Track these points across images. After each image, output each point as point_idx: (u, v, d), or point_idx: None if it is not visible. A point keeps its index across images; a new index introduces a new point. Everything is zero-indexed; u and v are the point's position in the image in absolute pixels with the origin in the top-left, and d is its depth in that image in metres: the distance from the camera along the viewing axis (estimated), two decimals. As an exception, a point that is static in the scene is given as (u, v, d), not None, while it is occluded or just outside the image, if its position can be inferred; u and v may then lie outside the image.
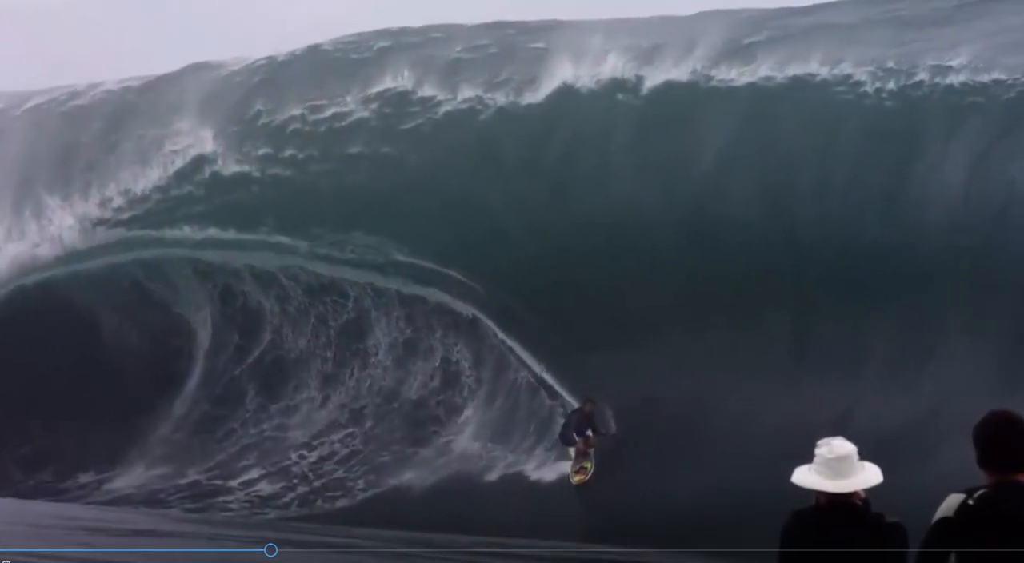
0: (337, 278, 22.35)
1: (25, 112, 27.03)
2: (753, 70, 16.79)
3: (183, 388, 25.01)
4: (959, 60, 15.40)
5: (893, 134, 15.84)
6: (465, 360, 21.43)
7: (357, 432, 22.42)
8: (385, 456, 21.24)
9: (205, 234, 22.77)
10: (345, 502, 19.72)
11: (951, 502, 4.49)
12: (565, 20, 19.92)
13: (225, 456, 23.06)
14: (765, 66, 16.71)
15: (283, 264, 22.75)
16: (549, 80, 19.37)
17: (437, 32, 21.08)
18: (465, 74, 20.31)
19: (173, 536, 15.06)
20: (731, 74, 17.05)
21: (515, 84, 19.57)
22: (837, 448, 4.75)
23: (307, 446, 22.62)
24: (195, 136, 23.05)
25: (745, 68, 16.79)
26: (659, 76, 18.18)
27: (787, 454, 14.68)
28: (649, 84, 18.21)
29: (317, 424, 23.02)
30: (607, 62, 18.60)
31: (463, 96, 20.18)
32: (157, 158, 23.36)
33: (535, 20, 20.42)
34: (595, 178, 18.46)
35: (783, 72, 16.63)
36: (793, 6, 19.25)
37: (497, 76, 19.92)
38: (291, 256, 22.35)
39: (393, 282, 21.63)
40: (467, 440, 20.45)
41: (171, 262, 23.81)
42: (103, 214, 23.81)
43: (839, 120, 16.44)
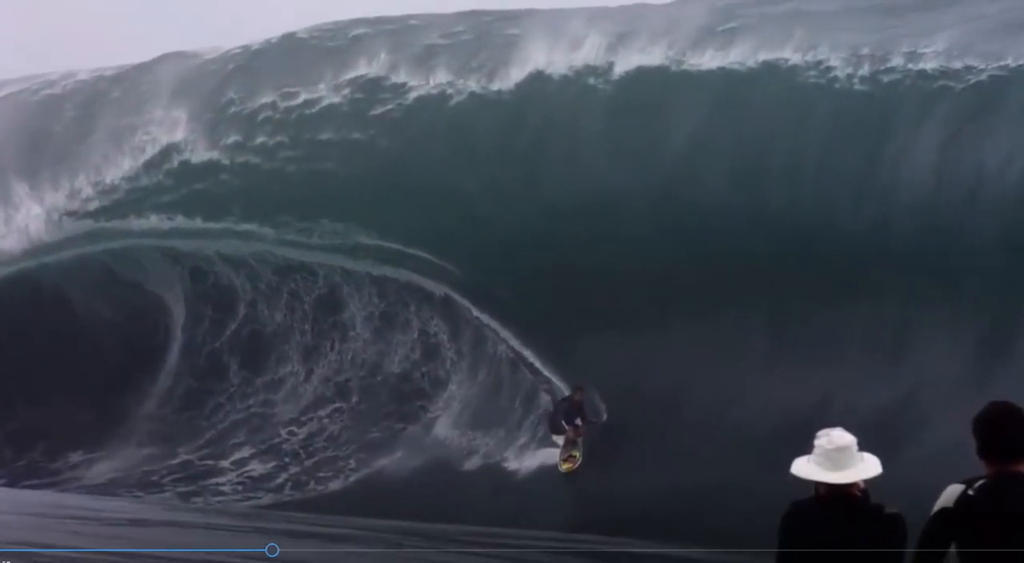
0: (307, 262, 22.28)
1: (-3, 101, 26.80)
2: (724, 56, 16.75)
3: (164, 363, 24.91)
4: (934, 47, 15.33)
5: (865, 119, 15.76)
6: (443, 333, 21.40)
7: (344, 407, 22.52)
8: (375, 432, 21.42)
9: (173, 224, 22.53)
10: (338, 484, 19.83)
11: (951, 493, 4.47)
12: (543, 8, 19.69)
13: (215, 433, 23.11)
14: (737, 52, 16.65)
15: (252, 250, 22.61)
16: (522, 66, 19.11)
17: (414, 20, 20.77)
18: (438, 60, 19.94)
19: (172, 526, 15.15)
20: (703, 60, 17.00)
21: (488, 70, 19.29)
22: (836, 439, 4.71)
23: (296, 422, 22.73)
24: (167, 125, 22.61)
25: (718, 54, 16.75)
26: (632, 62, 17.97)
27: (768, 439, 15.19)
28: (622, 70, 17.99)
29: (304, 399, 23.08)
30: (581, 48, 18.35)
31: (435, 82, 19.89)
32: (128, 148, 22.92)
33: (513, 8, 20.17)
34: (568, 163, 18.28)
35: (756, 58, 16.60)
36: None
37: (470, 62, 19.59)
38: (259, 242, 22.18)
39: (363, 265, 21.54)
40: (455, 416, 20.66)
41: (140, 249, 23.70)
42: (71, 205, 23.51)
43: (811, 105, 16.32)
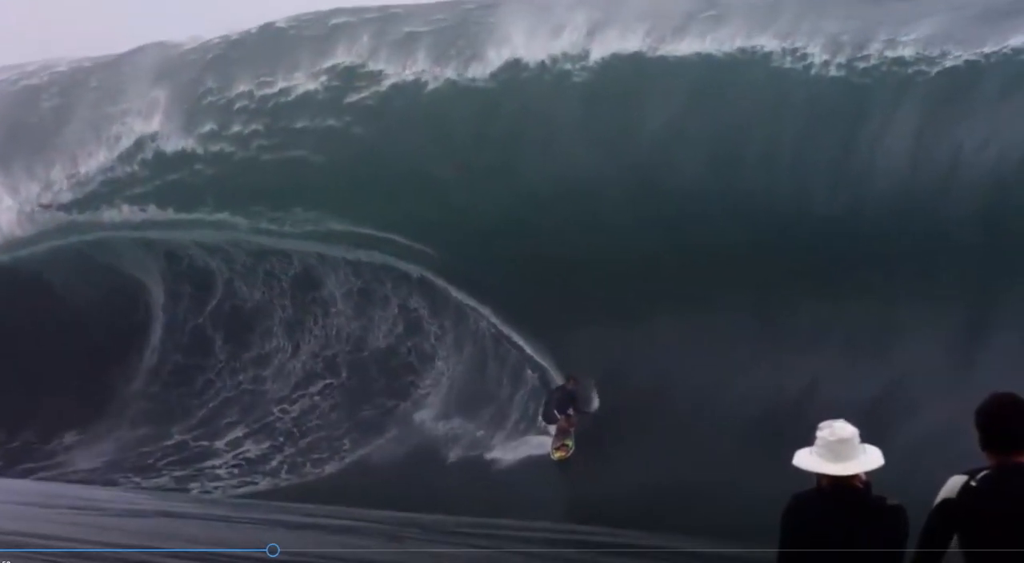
0: (281, 247, 22.20)
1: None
2: (702, 42, 16.69)
3: (148, 340, 24.79)
4: (915, 34, 15.21)
5: (845, 106, 15.60)
6: (423, 308, 21.34)
7: (335, 383, 22.62)
8: (367, 410, 21.56)
9: (146, 215, 22.34)
10: (334, 467, 19.82)
11: (953, 484, 4.43)
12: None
13: (207, 411, 23.14)
14: (716, 39, 16.61)
15: (226, 238, 22.52)
16: (500, 53, 18.80)
17: (396, 9, 20.38)
18: (416, 48, 19.60)
19: (169, 517, 15.07)
20: (682, 46, 16.95)
21: (465, 57, 19.00)
22: (839, 430, 4.66)
23: (288, 400, 22.83)
24: (143, 116, 22.28)
25: (696, 40, 16.70)
26: (610, 48, 17.73)
27: (751, 429, 15.45)
28: (599, 56, 17.77)
29: (293, 375, 23.10)
30: (559, 35, 18.09)
31: (412, 69, 19.60)
32: (103, 139, 22.65)
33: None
34: (545, 151, 18.10)
35: (733, 44, 16.56)
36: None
37: (448, 49, 19.26)
38: (232, 231, 22.05)
39: (336, 250, 21.53)
40: (445, 393, 20.84)
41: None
42: (44, 197, 23.29)
43: (789, 92, 16.18)
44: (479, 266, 19.27)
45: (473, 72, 18.86)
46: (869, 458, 4.66)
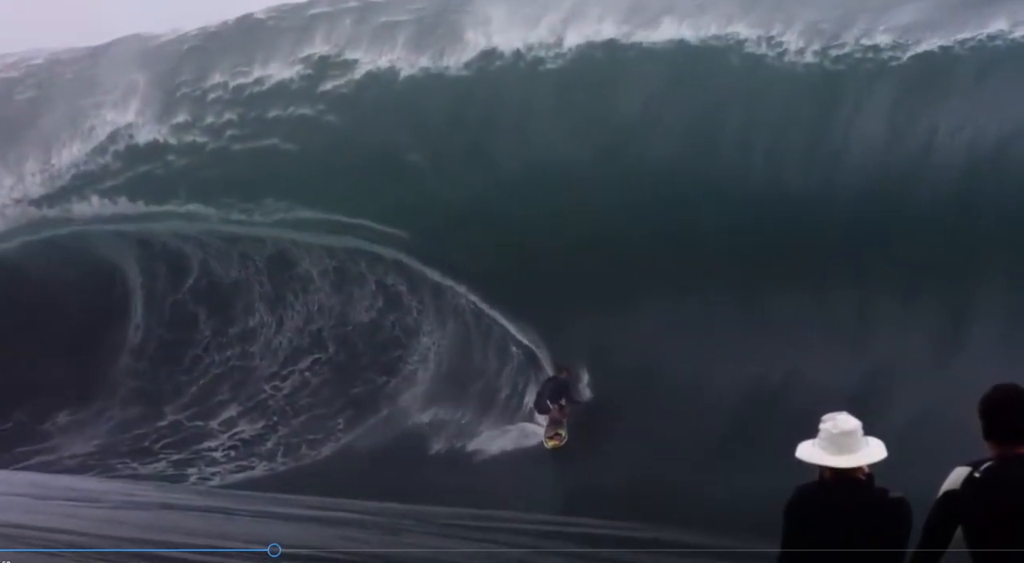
0: (253, 235, 22.20)
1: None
2: (678, 29, 16.65)
3: (130, 317, 24.66)
4: (891, 22, 15.16)
5: (818, 92, 15.69)
6: (401, 285, 21.37)
7: (323, 358, 22.77)
8: (358, 386, 21.78)
9: (116, 208, 22.23)
10: (330, 448, 20.01)
11: (957, 475, 4.40)
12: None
13: (198, 389, 23.27)
14: (692, 26, 16.50)
15: (197, 229, 22.53)
16: (476, 40, 18.60)
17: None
18: (393, 36, 19.28)
19: (168, 509, 15.16)
20: (656, 34, 16.86)
21: (442, 45, 18.76)
22: (842, 423, 4.64)
23: (278, 376, 22.95)
24: (118, 108, 21.94)
25: (672, 27, 16.60)
26: (584, 36, 17.58)
27: (729, 413, 15.78)
28: (574, 43, 17.63)
29: (281, 351, 23.20)
30: (536, 23, 18.00)
31: (388, 57, 19.33)
32: (77, 131, 22.40)
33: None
34: (520, 137, 18.06)
35: (708, 31, 16.52)
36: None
37: (426, 38, 18.96)
38: (204, 222, 22.04)
39: (308, 237, 21.57)
40: (434, 369, 21.05)
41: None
42: (15, 193, 23.20)
43: (763, 79, 16.14)
44: (454, 252, 19.32)
45: (448, 60, 18.66)
46: (872, 450, 4.64)
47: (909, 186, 15.30)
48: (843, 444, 4.59)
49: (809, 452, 4.66)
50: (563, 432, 16.66)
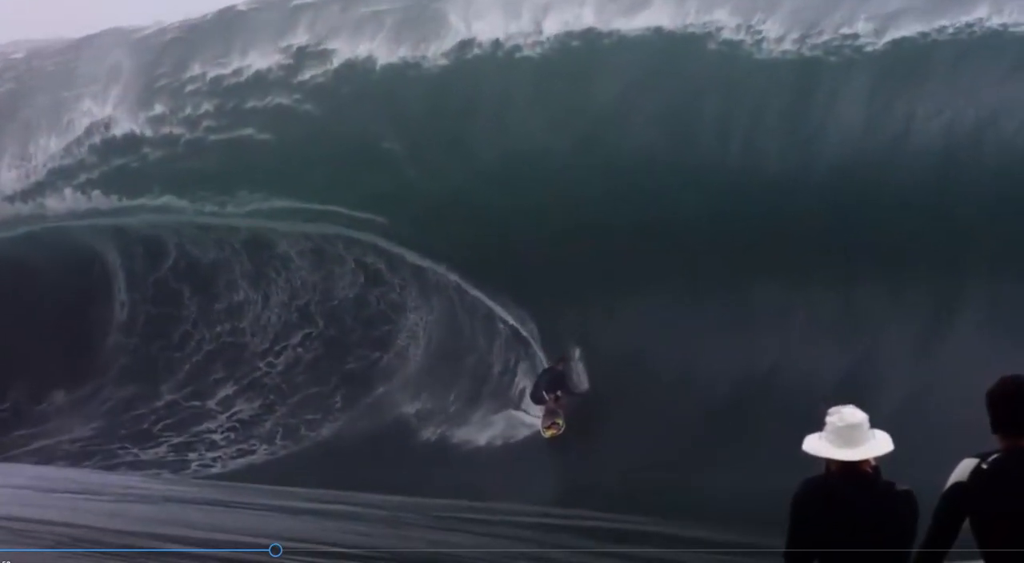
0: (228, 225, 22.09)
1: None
2: (656, 18, 16.45)
3: (113, 295, 24.55)
4: (871, 10, 15.02)
5: (798, 79, 15.61)
6: (380, 263, 21.31)
7: (313, 332, 22.90)
8: (351, 362, 21.96)
9: (91, 204, 22.05)
10: (329, 430, 20.23)
11: (964, 467, 4.33)
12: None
13: (192, 367, 23.41)
14: (670, 14, 16.29)
15: (173, 220, 22.38)
16: (456, 29, 18.26)
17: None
18: (374, 26, 18.96)
19: (170, 503, 15.07)
20: (636, 22, 16.59)
21: (421, 35, 18.40)
22: (848, 416, 4.57)
23: (271, 352, 23.02)
24: (96, 101, 21.53)
25: (653, 15, 16.38)
26: (562, 24, 17.37)
27: (711, 401, 16.09)
28: (552, 32, 17.40)
29: (271, 327, 23.31)
30: (516, 14, 17.68)
31: (367, 47, 18.97)
32: (55, 125, 22.05)
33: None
34: (498, 127, 17.90)
35: (687, 19, 16.31)
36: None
37: (406, 27, 18.59)
38: (178, 215, 21.90)
39: (284, 226, 21.47)
40: (424, 345, 21.16)
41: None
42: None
43: (742, 67, 16.03)
44: (433, 242, 19.38)
45: (427, 49, 18.37)
46: (878, 443, 4.57)
47: (888, 173, 15.34)
48: (849, 437, 4.52)
49: (815, 445, 4.59)
50: (560, 421, 16.76)
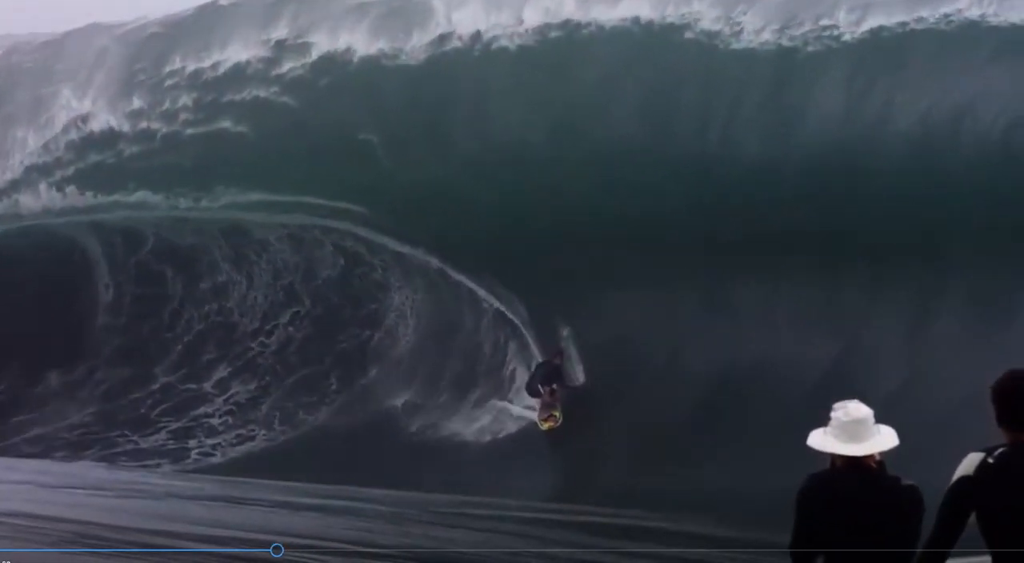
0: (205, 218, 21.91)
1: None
2: (636, 8, 16.23)
3: (95, 277, 24.45)
4: (851, 1, 15.05)
5: (778, 70, 15.61)
6: (360, 248, 21.27)
7: (302, 311, 22.94)
8: (343, 342, 22.06)
9: (66, 202, 21.83)
10: (326, 414, 20.37)
11: (971, 461, 4.31)
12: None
13: (184, 348, 23.41)
14: (651, 4, 16.08)
15: (149, 216, 22.24)
16: (435, 21, 18.06)
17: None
18: (355, 19, 18.71)
19: (171, 498, 15.31)
20: (615, 12, 16.36)
21: (401, 27, 18.16)
22: (853, 411, 4.55)
23: (262, 332, 23.04)
24: (75, 97, 21.20)
25: (632, 5, 16.13)
26: (542, 15, 17.16)
27: (695, 393, 16.39)
28: (532, 23, 17.19)
29: (258, 306, 23.30)
30: (494, 4, 17.44)
31: (346, 39, 18.70)
32: (33, 122, 21.63)
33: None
34: (477, 119, 17.84)
35: (666, 9, 16.07)
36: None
37: (385, 20, 18.36)
38: (153, 211, 21.78)
39: (260, 217, 21.39)
40: (413, 325, 21.26)
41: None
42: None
43: (721, 57, 16.03)
44: (414, 233, 19.40)
45: (406, 41, 18.09)
46: (883, 438, 4.56)
47: (867, 162, 15.47)
48: (854, 432, 4.51)
49: (820, 440, 4.58)
50: (557, 414, 16.78)
